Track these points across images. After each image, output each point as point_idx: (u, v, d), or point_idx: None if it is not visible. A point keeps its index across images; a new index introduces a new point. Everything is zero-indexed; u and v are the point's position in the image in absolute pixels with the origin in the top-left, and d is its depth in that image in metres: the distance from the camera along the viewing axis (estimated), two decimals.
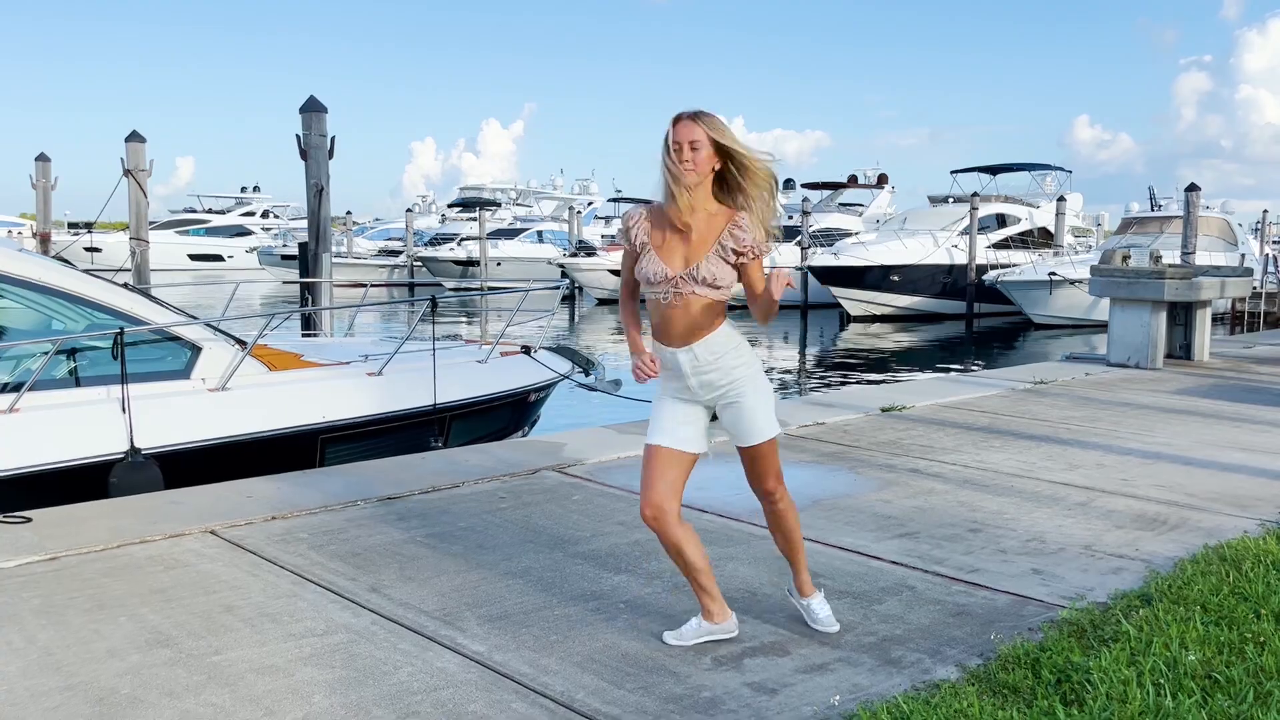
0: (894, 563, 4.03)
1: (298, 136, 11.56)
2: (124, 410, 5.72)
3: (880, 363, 20.47)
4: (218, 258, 53.06)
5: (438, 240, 41.37)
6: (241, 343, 6.56)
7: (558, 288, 12.10)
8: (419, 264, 39.14)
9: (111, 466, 5.57)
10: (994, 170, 33.28)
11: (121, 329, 5.83)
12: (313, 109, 11.57)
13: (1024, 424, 7.01)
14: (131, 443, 5.67)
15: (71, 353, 5.98)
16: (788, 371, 19.34)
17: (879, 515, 4.72)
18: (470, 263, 37.45)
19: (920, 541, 4.31)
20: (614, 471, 5.51)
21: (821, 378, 18.05)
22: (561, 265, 32.31)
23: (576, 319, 28.92)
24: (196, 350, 6.31)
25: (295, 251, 41.75)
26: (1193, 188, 27.00)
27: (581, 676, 2.98)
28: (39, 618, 3.40)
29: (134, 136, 15.24)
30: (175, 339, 6.28)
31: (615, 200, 50.52)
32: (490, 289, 34.30)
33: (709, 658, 3.12)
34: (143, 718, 2.71)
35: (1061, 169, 34.62)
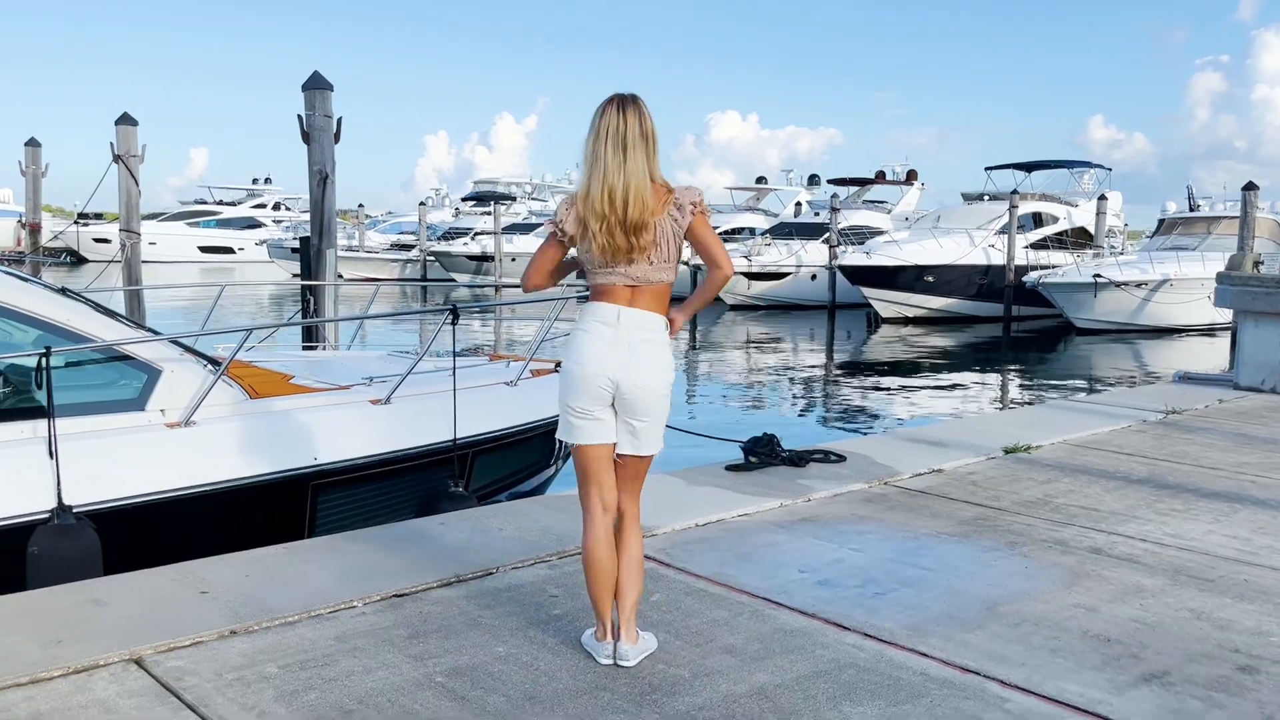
0: None
1: (300, 117, 10.19)
2: (50, 454, 4.36)
3: (915, 368, 19.09)
4: (228, 250, 52.49)
5: (451, 234, 40.12)
6: (215, 362, 5.20)
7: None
8: (432, 259, 37.83)
9: (30, 531, 4.21)
10: (1029, 167, 31.74)
11: (48, 348, 4.45)
12: (316, 86, 10.18)
13: (1191, 473, 5.60)
14: (59, 498, 4.31)
15: None
16: (814, 368, 17.94)
17: (1090, 636, 3.32)
18: (485, 258, 36.12)
19: (1181, 695, 2.91)
20: (698, 551, 4.13)
21: (865, 382, 16.65)
22: None
23: None
24: (155, 373, 4.93)
25: None
26: (1250, 186, 25.40)
27: None
28: None
29: (125, 119, 13.87)
30: (126, 359, 4.92)
31: None
32: (504, 285, 32.93)
33: None
34: None
35: (1101, 166, 33.14)
